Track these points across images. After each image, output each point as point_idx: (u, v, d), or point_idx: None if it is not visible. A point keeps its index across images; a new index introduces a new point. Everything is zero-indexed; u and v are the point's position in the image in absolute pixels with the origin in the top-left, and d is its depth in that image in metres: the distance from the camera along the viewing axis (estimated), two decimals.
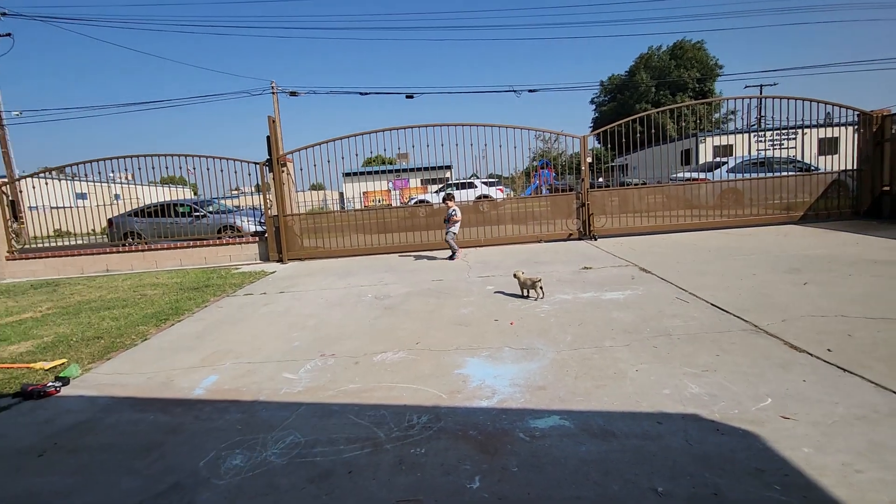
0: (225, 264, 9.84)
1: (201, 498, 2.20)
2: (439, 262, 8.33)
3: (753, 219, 9.58)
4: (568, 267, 6.79)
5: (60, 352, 4.45)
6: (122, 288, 7.73)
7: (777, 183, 9.62)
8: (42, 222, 13.07)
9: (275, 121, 9.73)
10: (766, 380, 2.91)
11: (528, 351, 3.60)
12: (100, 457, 2.62)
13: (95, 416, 3.11)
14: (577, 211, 9.75)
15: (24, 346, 4.72)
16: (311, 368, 3.61)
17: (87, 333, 5.01)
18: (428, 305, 5.21)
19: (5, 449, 2.80)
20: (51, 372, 3.94)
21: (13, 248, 10.19)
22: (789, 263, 5.87)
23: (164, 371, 3.80)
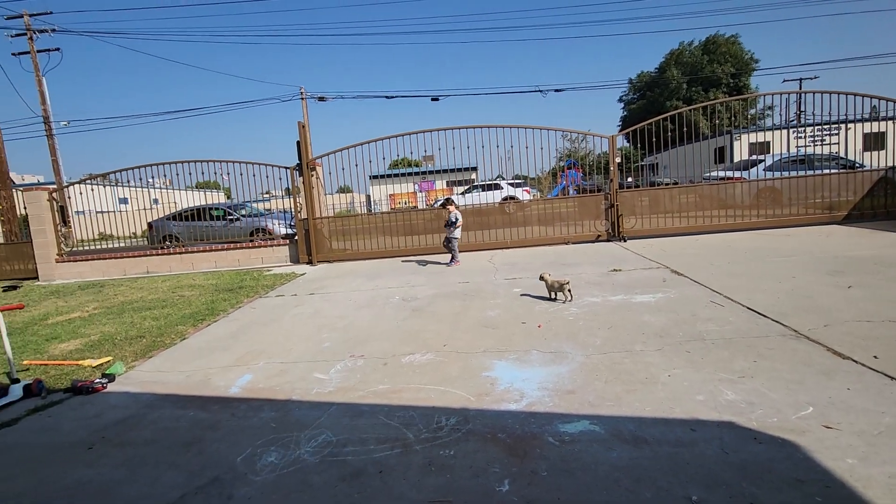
0: (257, 266, 10.12)
1: (239, 493, 2.28)
2: (466, 264, 8.33)
3: (793, 219, 9.22)
4: (596, 269, 6.69)
5: (106, 350, 4.68)
6: (161, 289, 8.05)
7: (818, 181, 9.23)
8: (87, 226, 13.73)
9: (304, 126, 9.95)
10: (806, 387, 2.81)
11: (557, 354, 3.57)
12: (144, 451, 2.74)
13: (139, 412, 3.26)
14: (606, 212, 9.59)
15: (74, 344, 4.97)
16: (341, 369, 3.68)
17: (131, 333, 5.25)
18: (455, 307, 5.23)
19: (59, 441, 2.96)
20: (98, 369, 4.15)
21: (62, 251, 10.74)
22: (832, 265, 5.63)
23: (202, 370, 3.95)
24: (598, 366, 3.30)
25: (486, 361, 3.56)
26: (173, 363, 4.20)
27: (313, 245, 9.81)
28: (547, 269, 6.87)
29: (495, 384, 3.16)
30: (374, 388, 3.28)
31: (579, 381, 3.09)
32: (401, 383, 3.31)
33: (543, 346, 3.75)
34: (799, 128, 18.00)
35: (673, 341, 3.64)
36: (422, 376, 3.40)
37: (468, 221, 10.00)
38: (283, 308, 6.00)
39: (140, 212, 11.64)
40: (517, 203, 10.86)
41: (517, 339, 3.97)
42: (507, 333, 4.16)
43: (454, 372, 3.42)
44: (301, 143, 9.79)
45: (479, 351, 3.78)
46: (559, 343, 3.80)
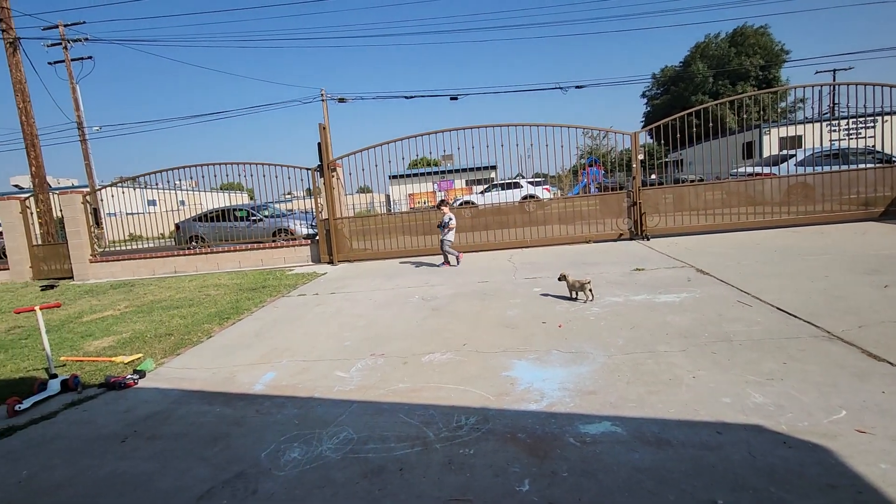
0: (280, 266, 10.30)
1: (264, 488, 2.34)
2: (485, 263, 8.32)
3: (826, 215, 8.92)
4: (619, 268, 6.61)
5: (137, 347, 4.84)
6: (188, 288, 8.28)
7: (854, 176, 8.90)
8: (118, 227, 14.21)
9: (325, 127, 10.08)
10: (839, 390, 2.72)
11: (578, 354, 3.55)
12: (173, 445, 2.83)
13: (168, 407, 3.37)
14: (628, 210, 9.46)
15: (107, 342, 5.16)
16: (361, 367, 3.72)
17: (160, 330, 5.42)
18: (474, 307, 5.23)
19: (94, 434, 3.08)
20: (129, 365, 4.30)
21: (95, 252, 11.14)
22: (868, 264, 5.43)
23: (228, 367, 4.05)
24: (621, 366, 3.26)
25: (506, 361, 3.55)
26: (200, 360, 4.31)
27: (334, 245, 9.94)
28: (567, 268, 6.82)
29: (515, 384, 3.16)
30: (394, 386, 3.31)
31: (601, 382, 3.06)
32: (420, 382, 3.33)
33: (564, 346, 3.73)
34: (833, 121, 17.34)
35: (698, 342, 3.57)
36: (441, 375, 3.41)
37: (487, 221, 9.99)
38: (305, 307, 6.10)
39: (167, 213, 11.99)
40: (537, 201, 10.79)
41: (537, 339, 3.95)
42: (526, 333, 4.14)
43: (474, 371, 3.42)
44: (322, 145, 9.92)
45: (499, 350, 3.78)
46: (580, 343, 3.77)
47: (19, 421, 3.37)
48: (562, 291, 5.44)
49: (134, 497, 2.36)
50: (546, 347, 3.74)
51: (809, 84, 9.68)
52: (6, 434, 3.20)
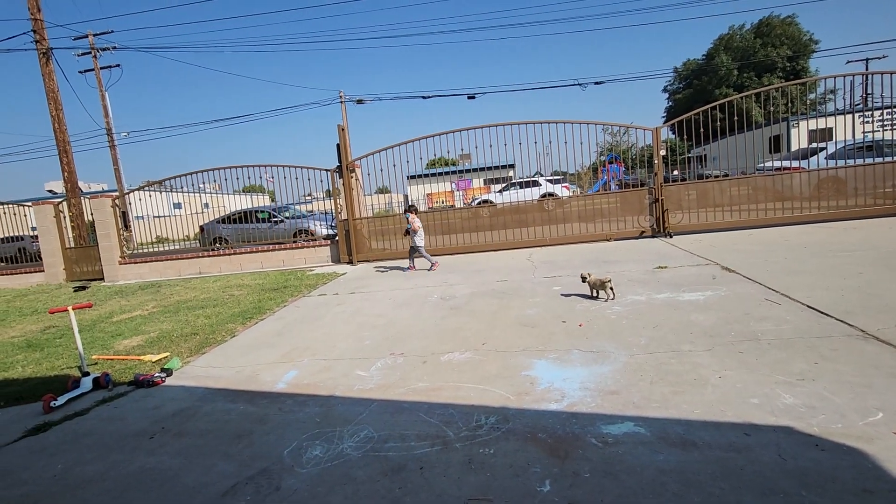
0: (300, 266, 10.44)
1: (287, 483, 2.37)
2: (504, 262, 8.29)
3: (858, 210, 8.60)
4: (640, 266, 6.52)
5: (164, 346, 4.97)
6: (212, 289, 8.46)
7: (888, 169, 8.56)
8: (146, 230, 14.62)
9: (343, 129, 10.18)
10: (875, 391, 2.62)
11: (599, 354, 3.50)
12: (199, 441, 2.90)
13: (194, 404, 3.45)
14: (650, 207, 9.31)
15: (136, 341, 5.31)
16: (381, 366, 3.75)
17: (185, 330, 5.55)
18: (493, 306, 5.23)
19: (124, 430, 3.18)
20: (157, 364, 4.42)
21: (124, 254, 11.49)
22: None
23: (251, 365, 4.13)
24: (643, 366, 3.21)
25: (526, 360, 3.53)
26: (224, 359, 4.41)
27: (353, 245, 10.03)
28: (588, 266, 6.75)
29: (535, 383, 3.13)
30: (413, 385, 3.32)
31: (623, 382, 3.01)
32: (440, 381, 3.34)
33: (585, 346, 3.69)
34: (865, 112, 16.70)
35: (724, 341, 3.49)
36: (461, 374, 3.41)
37: (506, 219, 9.94)
38: (325, 307, 6.17)
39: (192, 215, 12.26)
40: (556, 199, 10.70)
41: (557, 338, 3.93)
42: (546, 332, 4.12)
43: (493, 370, 3.41)
44: (341, 146, 10.02)
45: (519, 350, 3.76)
46: (601, 342, 3.72)
47: (54, 417, 3.49)
48: (582, 290, 5.39)
49: (161, 492, 2.42)
50: (566, 347, 3.71)
51: (840, 74, 9.35)
52: (42, 429, 3.32)
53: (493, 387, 3.15)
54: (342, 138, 10.04)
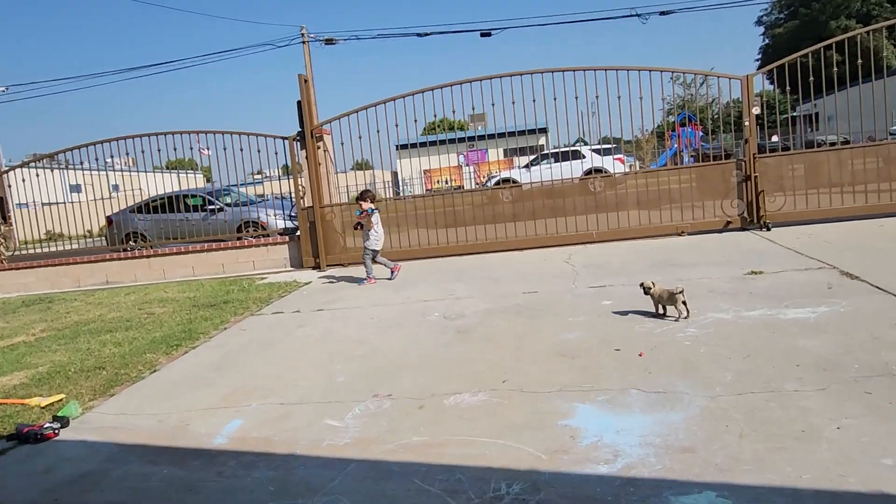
0: (247, 272, 10.48)
1: None
2: (533, 265, 8.28)
3: None
4: (725, 271, 6.52)
5: (57, 385, 4.99)
6: (124, 305, 8.50)
7: None
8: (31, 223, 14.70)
9: (307, 80, 10.22)
10: None
11: (667, 395, 3.49)
12: None
13: (100, 466, 3.46)
14: (739, 187, 9.31)
15: (18, 378, 5.35)
16: (361, 413, 3.75)
17: (87, 362, 5.58)
18: (518, 328, 5.22)
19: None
20: (48, 410, 4.44)
21: (2, 257, 11.57)
22: None
23: (178, 412, 4.14)
24: (729, 412, 3.20)
25: (564, 404, 3.53)
26: (141, 403, 4.42)
27: (321, 243, 10.06)
28: (651, 272, 6.75)
29: (577, 437, 3.13)
30: (406, 440, 3.32)
31: (701, 435, 3.00)
32: (443, 434, 3.34)
33: (647, 384, 3.68)
34: None
35: (844, 377, 3.47)
36: (472, 424, 3.41)
37: (535, 206, 9.95)
38: (282, 329, 6.18)
39: (97, 202, 12.33)
40: (606, 178, 10.68)
41: (608, 374, 3.93)
42: (593, 365, 4.12)
43: (518, 419, 3.41)
44: (303, 104, 10.06)
45: (554, 389, 3.76)
46: (670, 379, 3.72)
47: None
48: (643, 305, 5.38)
49: None
50: (621, 385, 3.71)
51: None
52: None
53: (517, 442, 3.14)
54: (304, 93, 10.08)
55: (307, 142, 10.09)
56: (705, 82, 37.07)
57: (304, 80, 10.10)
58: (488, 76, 9.54)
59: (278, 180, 12.92)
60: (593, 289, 6.41)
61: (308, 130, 10.07)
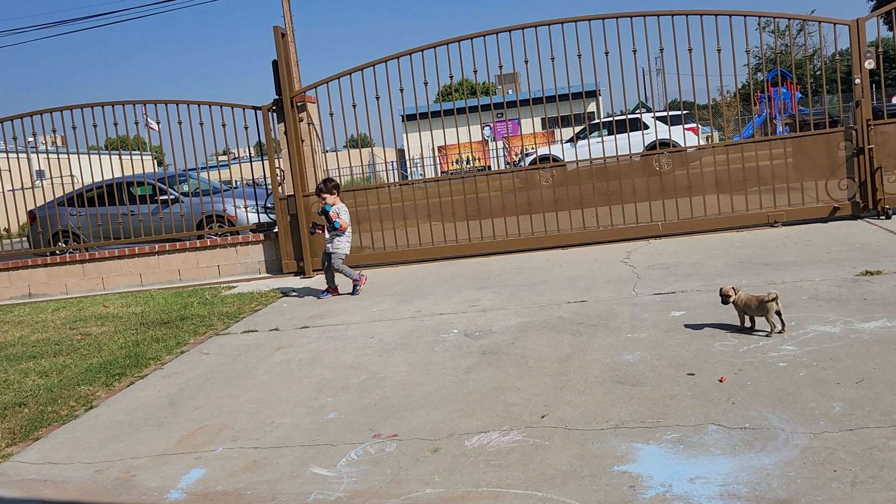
0: (211, 280, 10.57)
1: None
2: (580, 267, 8.26)
3: None
4: (832, 272, 6.49)
5: None
6: (52, 323, 8.61)
7: None
8: None
9: (284, 34, 10.30)
10: None
11: (756, 432, 3.48)
12: None
13: None
14: (848, 163, 9.27)
15: None
16: (358, 459, 3.76)
17: (4, 397, 5.66)
18: (561, 348, 5.22)
19: None
20: None
21: None
22: None
23: (122, 460, 4.17)
24: (838, 453, 3.18)
25: (622, 445, 3.52)
26: (74, 449, 4.46)
27: (305, 241, 10.13)
28: (734, 274, 6.73)
29: (639, 487, 3.12)
30: (416, 492, 3.33)
31: (801, 483, 2.98)
32: (464, 485, 3.34)
33: (730, 418, 3.67)
34: None
35: None
36: (502, 473, 3.41)
37: (582, 191, 9.93)
38: (256, 353, 6.22)
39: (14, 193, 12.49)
40: (675, 153, 10.62)
41: (679, 405, 3.92)
42: (659, 394, 4.11)
43: (562, 464, 3.41)
44: (280, 64, 10.12)
45: (608, 426, 3.76)
46: (760, 411, 3.71)
47: None
48: (724, 317, 5.36)
49: None
50: (696, 420, 3.69)
51: None
52: None
53: (560, 494, 3.14)
54: (282, 50, 10.15)
55: (286, 112, 10.16)
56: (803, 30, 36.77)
57: (281, 33, 10.18)
58: (521, 25, 9.57)
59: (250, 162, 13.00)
60: (659, 296, 6.39)
61: (287, 98, 10.14)
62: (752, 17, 9.47)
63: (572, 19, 9.41)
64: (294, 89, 10.30)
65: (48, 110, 11.00)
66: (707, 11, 9.21)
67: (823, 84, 10.09)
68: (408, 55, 9.81)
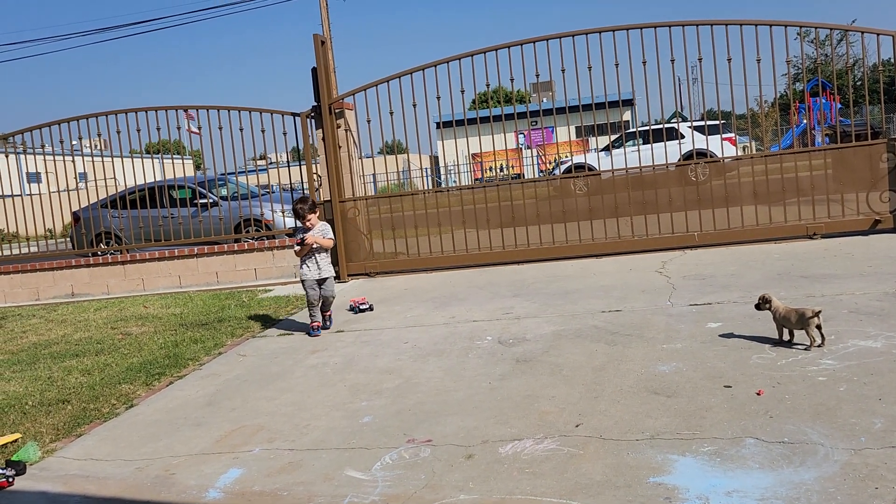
0: (247, 283, 10.68)
1: None
2: (615, 276, 8.21)
3: None
4: (873, 285, 6.41)
5: (12, 422, 5.18)
6: (94, 323, 8.77)
7: None
8: None
9: (324, 41, 10.40)
10: None
11: (795, 446, 3.43)
12: None
13: None
14: (891, 175, 9.12)
15: None
16: (392, 463, 3.78)
17: (48, 394, 5.77)
18: (595, 357, 5.21)
19: None
20: (0, 452, 4.60)
21: None
22: None
23: (161, 458, 4.24)
24: (879, 470, 3.12)
25: (657, 456, 3.50)
26: (115, 446, 4.54)
27: (342, 246, 10.19)
28: (773, 285, 6.67)
29: (674, 499, 3.10)
30: (450, 498, 3.34)
31: (841, 499, 2.94)
32: (498, 491, 3.34)
33: (768, 431, 3.64)
34: None
35: None
36: (536, 481, 3.40)
37: (617, 199, 9.88)
38: (292, 356, 6.30)
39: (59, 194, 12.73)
40: (712, 163, 10.52)
41: (716, 417, 3.89)
42: (695, 405, 4.09)
43: (596, 474, 3.39)
44: (319, 71, 10.22)
45: (643, 437, 3.74)
46: (799, 425, 3.67)
47: None
48: (762, 329, 5.31)
49: None
50: (733, 432, 3.66)
51: None
52: None
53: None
54: (321, 58, 10.25)
55: (324, 119, 10.25)
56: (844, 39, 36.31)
57: (320, 41, 10.28)
58: (557, 34, 9.56)
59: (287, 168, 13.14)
60: (695, 307, 6.34)
61: (325, 104, 10.23)
62: (792, 26, 9.37)
63: (609, 28, 9.37)
64: (332, 96, 10.38)
65: (93, 115, 11.21)
66: (746, 22, 9.13)
67: (866, 94, 9.91)
68: (444, 63, 9.86)
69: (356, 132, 10.92)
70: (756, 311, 5.26)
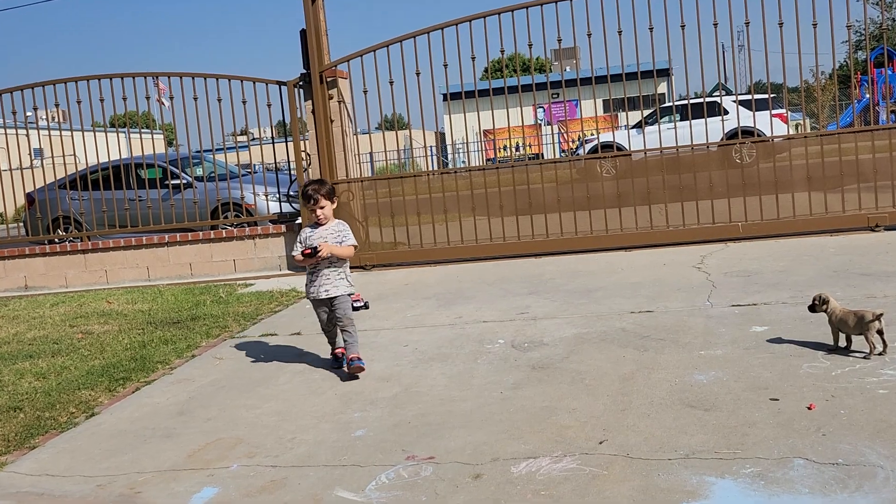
0: (225, 276, 10.69)
1: None
2: (646, 271, 8.19)
3: None
4: None
5: None
6: (50, 320, 8.77)
7: None
8: None
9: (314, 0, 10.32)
10: None
11: (851, 468, 3.42)
12: None
13: None
14: None
15: None
16: (389, 483, 3.77)
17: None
18: (622, 364, 5.20)
19: None
20: None
21: None
22: None
23: (126, 474, 4.23)
24: None
25: (692, 478, 3.49)
26: (74, 460, 4.54)
27: None
28: (827, 284, 6.64)
29: None
30: None
31: None
32: None
33: (820, 451, 3.63)
34: None
35: None
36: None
37: (650, 184, 9.85)
38: (275, 359, 6.30)
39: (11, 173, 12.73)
40: (759, 143, 10.49)
41: (760, 434, 3.88)
42: (736, 421, 4.08)
43: (622, 498, 3.39)
44: (309, 34, 10.17)
45: (677, 455, 3.73)
46: (856, 444, 3.65)
47: None
48: (815, 334, 5.30)
49: None
50: (779, 452, 3.65)
51: None
52: None
53: None
54: (312, 18, 10.20)
55: (314, 88, 10.21)
56: None
57: None
58: None
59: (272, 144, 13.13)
60: (738, 308, 6.32)
61: (316, 72, 10.19)
62: None
63: None
64: (324, 63, 10.33)
65: (50, 82, 11.19)
66: None
67: None
68: (453, 25, 9.80)
69: (351, 104, 10.89)
70: (809, 314, 5.23)
